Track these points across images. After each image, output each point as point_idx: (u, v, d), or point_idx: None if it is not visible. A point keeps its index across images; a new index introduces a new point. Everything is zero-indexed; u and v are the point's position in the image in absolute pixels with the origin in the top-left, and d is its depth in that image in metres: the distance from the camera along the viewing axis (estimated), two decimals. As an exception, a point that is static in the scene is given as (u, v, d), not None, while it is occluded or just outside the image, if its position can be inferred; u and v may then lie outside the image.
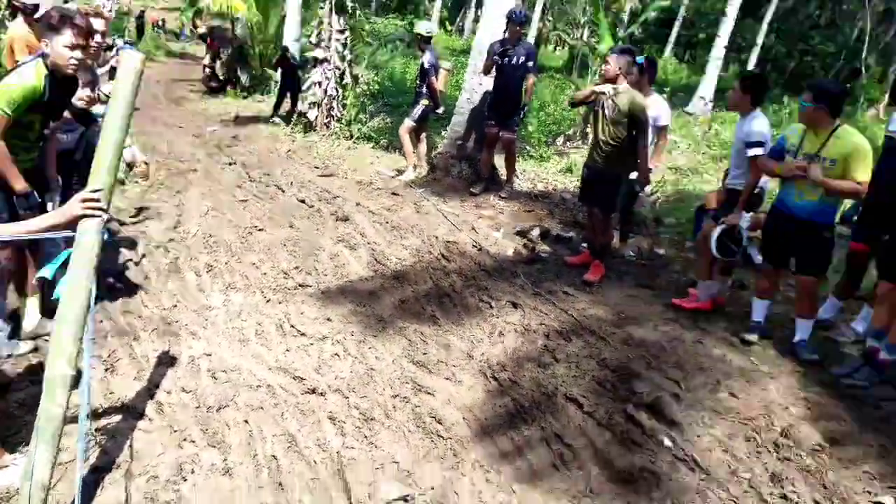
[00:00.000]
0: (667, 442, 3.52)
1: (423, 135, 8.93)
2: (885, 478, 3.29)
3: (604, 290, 5.39)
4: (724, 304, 5.14)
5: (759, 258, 5.33)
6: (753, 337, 4.53)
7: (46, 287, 3.41)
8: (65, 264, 2.55)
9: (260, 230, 6.16)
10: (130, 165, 7.04)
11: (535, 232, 6.54)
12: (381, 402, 3.63)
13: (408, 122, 8.49)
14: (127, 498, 2.71)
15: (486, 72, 7.69)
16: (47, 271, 2.64)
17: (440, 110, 8.74)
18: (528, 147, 10.73)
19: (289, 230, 6.28)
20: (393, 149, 10.74)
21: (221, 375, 3.68)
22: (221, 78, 15.84)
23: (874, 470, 3.35)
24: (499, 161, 8.33)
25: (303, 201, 7.19)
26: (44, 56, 3.41)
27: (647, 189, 6.83)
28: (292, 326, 4.35)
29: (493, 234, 6.50)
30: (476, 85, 8.29)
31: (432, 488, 3.01)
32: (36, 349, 3.74)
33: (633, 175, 5.53)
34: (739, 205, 4.67)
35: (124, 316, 4.25)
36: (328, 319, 4.55)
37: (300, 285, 5.06)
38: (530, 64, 7.44)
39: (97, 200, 2.41)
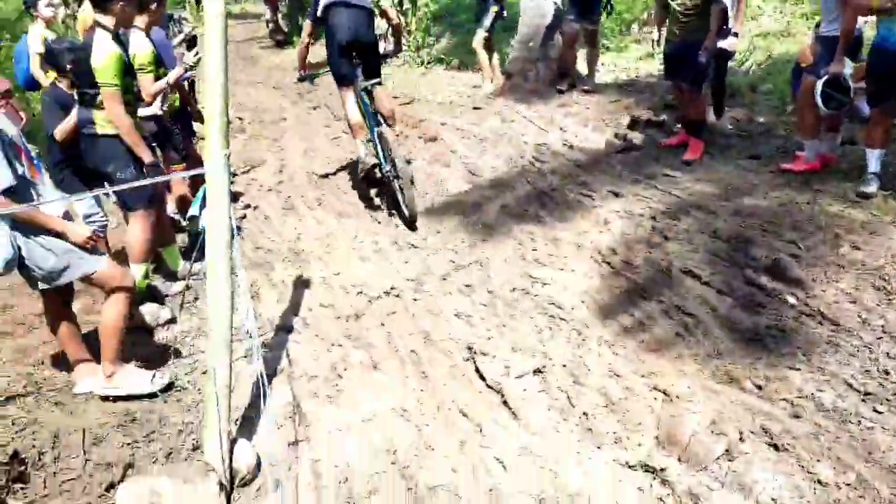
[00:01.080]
0: (791, 300, 3.53)
1: (493, 44, 8.81)
2: None
3: (706, 166, 5.29)
4: (836, 161, 4.93)
5: (866, 108, 5.02)
6: (871, 189, 4.34)
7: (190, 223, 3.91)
8: (204, 201, 2.80)
9: (357, 161, 6.41)
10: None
11: (625, 120, 6.43)
12: (502, 294, 3.83)
13: (480, 34, 8.38)
14: (294, 395, 3.06)
15: None
16: (195, 209, 2.95)
17: (504, 14, 8.56)
18: (603, 39, 10.35)
19: (383, 158, 6.49)
20: (465, 67, 10.67)
21: (352, 289, 3.98)
22: (286, 30, 15.99)
23: None
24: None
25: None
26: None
27: (734, 54, 6.46)
28: (406, 241, 4.60)
29: (582, 130, 6.45)
30: (538, -20, 7.99)
31: (564, 365, 3.20)
32: (188, 287, 4.18)
33: (722, 43, 5.29)
34: (839, 51, 4.39)
35: (255, 252, 4.63)
36: (438, 232, 4.76)
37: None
38: None
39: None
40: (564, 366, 3.19)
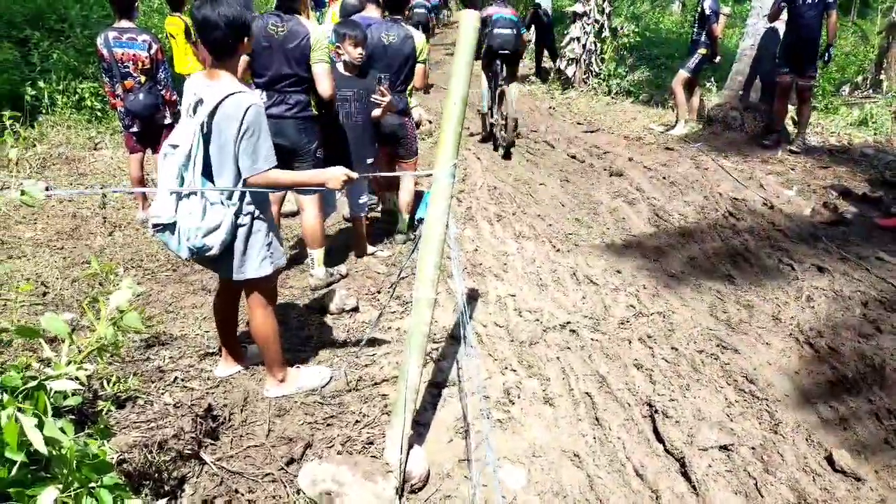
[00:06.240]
0: None
1: (696, 87, 8.45)
2: None
3: (932, 257, 4.70)
4: None
5: None
6: None
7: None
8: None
9: (540, 184, 6.36)
10: (417, 124, 7.64)
11: (836, 190, 5.87)
12: (687, 354, 3.59)
13: (682, 74, 8.06)
14: (464, 412, 3.03)
15: (773, 18, 6.98)
16: (423, 212, 3.03)
17: (717, 60, 8.16)
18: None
19: (565, 184, 6.39)
20: (655, 103, 10.34)
21: (527, 315, 3.91)
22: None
23: None
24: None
25: (573, 157, 7.26)
26: None
27: None
28: (585, 275, 4.46)
29: (784, 192, 5.98)
30: (761, 29, 7.59)
31: (753, 448, 2.93)
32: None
33: None
34: None
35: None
36: (617, 272, 4.58)
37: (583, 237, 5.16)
38: None
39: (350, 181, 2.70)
40: (753, 448, 2.92)
